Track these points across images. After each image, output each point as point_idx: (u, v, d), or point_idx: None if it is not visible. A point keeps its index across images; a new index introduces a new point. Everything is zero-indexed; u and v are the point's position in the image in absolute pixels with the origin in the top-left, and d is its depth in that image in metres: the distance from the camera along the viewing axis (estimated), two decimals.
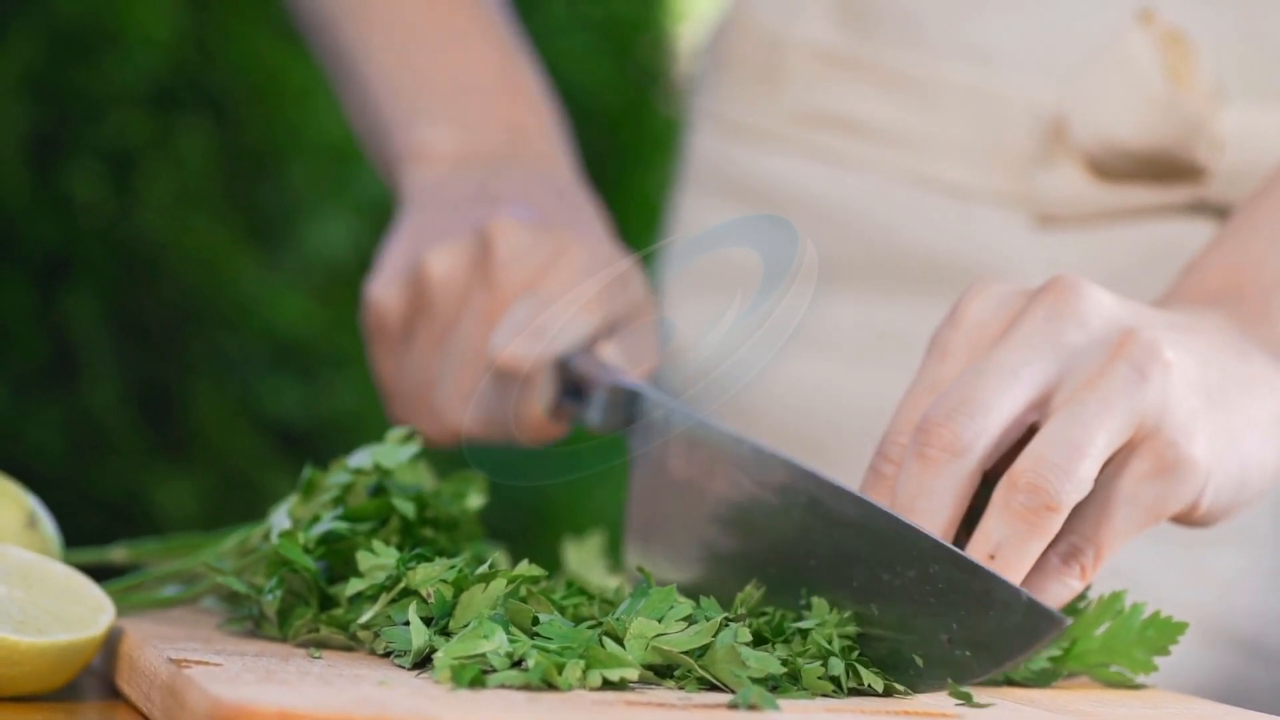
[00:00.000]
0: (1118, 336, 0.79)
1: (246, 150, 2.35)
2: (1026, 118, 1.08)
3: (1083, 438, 0.76)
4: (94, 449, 2.24)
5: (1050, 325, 0.79)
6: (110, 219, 2.24)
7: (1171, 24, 1.05)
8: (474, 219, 1.01)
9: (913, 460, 0.77)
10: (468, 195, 1.04)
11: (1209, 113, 1.05)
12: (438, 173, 1.08)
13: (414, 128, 1.09)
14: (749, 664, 0.72)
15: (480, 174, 1.06)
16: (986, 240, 1.10)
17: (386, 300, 1.02)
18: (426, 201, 1.06)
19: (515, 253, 0.98)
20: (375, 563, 0.79)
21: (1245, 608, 1.07)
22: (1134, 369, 0.78)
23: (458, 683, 0.69)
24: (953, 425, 0.76)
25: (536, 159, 1.09)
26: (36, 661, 0.75)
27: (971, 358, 0.80)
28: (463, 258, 1.00)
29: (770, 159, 1.15)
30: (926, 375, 0.81)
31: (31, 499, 0.87)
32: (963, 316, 0.81)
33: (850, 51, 1.12)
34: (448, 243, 1.00)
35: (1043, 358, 0.78)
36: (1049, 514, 0.76)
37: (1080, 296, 0.79)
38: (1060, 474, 0.76)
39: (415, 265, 1.01)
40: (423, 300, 1.01)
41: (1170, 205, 1.08)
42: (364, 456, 0.85)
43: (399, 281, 1.02)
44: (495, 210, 1.01)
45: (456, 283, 1.00)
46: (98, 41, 2.22)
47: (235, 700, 0.63)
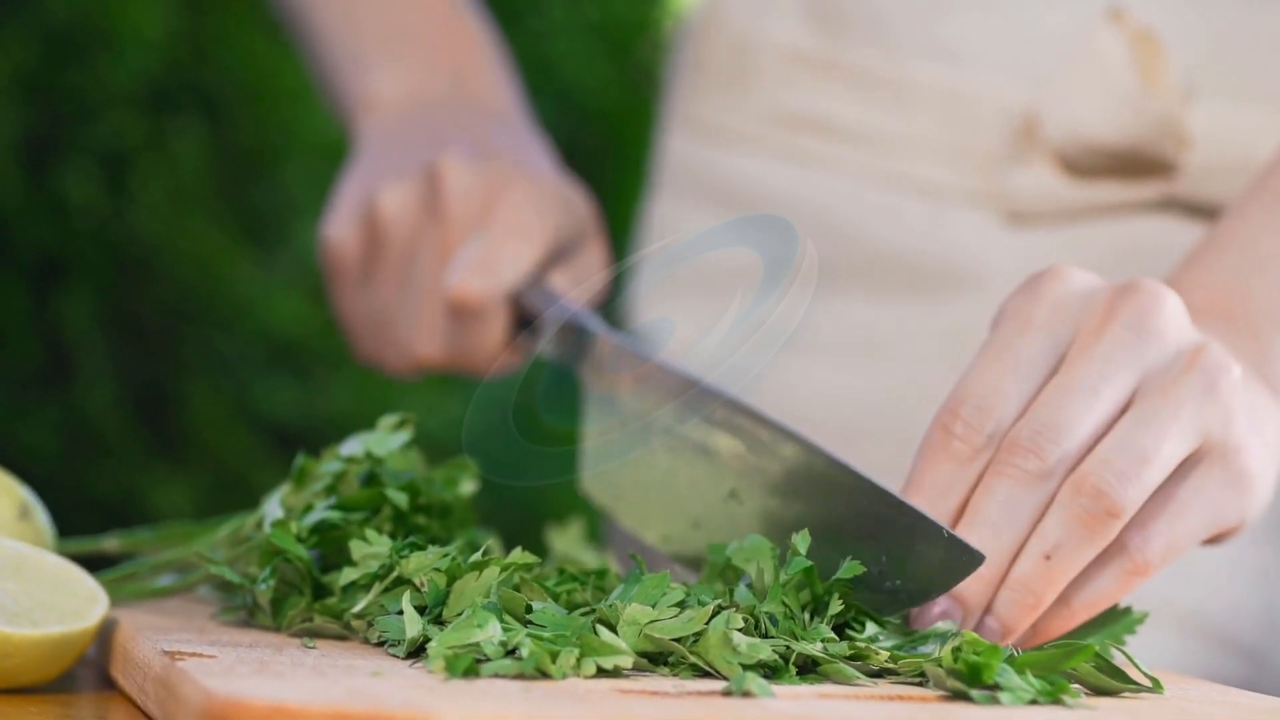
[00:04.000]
0: (1192, 350, 0.79)
1: (240, 150, 2.35)
2: (997, 117, 1.09)
3: (1150, 446, 0.77)
4: (89, 449, 2.24)
5: (1134, 338, 0.79)
6: (104, 220, 2.24)
7: (1141, 22, 1.06)
8: (422, 157, 1.05)
9: (996, 476, 0.77)
10: (415, 134, 1.09)
11: (1179, 110, 1.05)
12: (386, 118, 1.12)
13: (362, 75, 1.14)
14: (741, 650, 0.72)
15: (426, 115, 1.11)
16: (958, 239, 1.10)
17: (342, 238, 1.06)
18: (375, 143, 1.10)
19: (462, 188, 1.03)
20: (368, 551, 0.79)
21: (1222, 604, 1.07)
22: (1207, 380, 0.78)
23: (452, 672, 0.69)
24: (1039, 450, 0.77)
25: (479, 99, 1.13)
26: (30, 653, 0.75)
27: (1050, 337, 0.80)
28: (412, 195, 1.04)
29: (742, 160, 1.15)
30: (1005, 343, 0.80)
31: (24, 490, 0.87)
32: (1043, 293, 0.81)
33: (821, 52, 1.13)
34: (398, 181, 1.05)
35: (1124, 374, 0.78)
36: (1110, 520, 0.76)
37: (1163, 308, 0.80)
38: (1126, 481, 0.76)
39: (367, 204, 1.05)
40: (377, 238, 1.05)
41: (1141, 202, 1.08)
42: (356, 445, 0.85)
43: (353, 220, 1.06)
44: (441, 148, 1.05)
45: (408, 220, 1.04)
46: (91, 42, 2.22)
47: (229, 694, 0.62)
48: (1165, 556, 0.79)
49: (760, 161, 1.15)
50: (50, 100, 2.21)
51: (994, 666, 0.70)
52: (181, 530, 0.91)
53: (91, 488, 2.24)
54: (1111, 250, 1.09)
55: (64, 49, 2.21)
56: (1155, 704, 0.74)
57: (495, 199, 1.02)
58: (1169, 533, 0.79)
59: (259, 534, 0.83)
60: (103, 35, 2.23)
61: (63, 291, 2.22)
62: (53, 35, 2.20)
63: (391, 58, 1.14)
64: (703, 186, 1.17)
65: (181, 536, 0.90)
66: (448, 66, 1.14)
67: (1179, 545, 0.79)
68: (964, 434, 0.78)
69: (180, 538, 0.90)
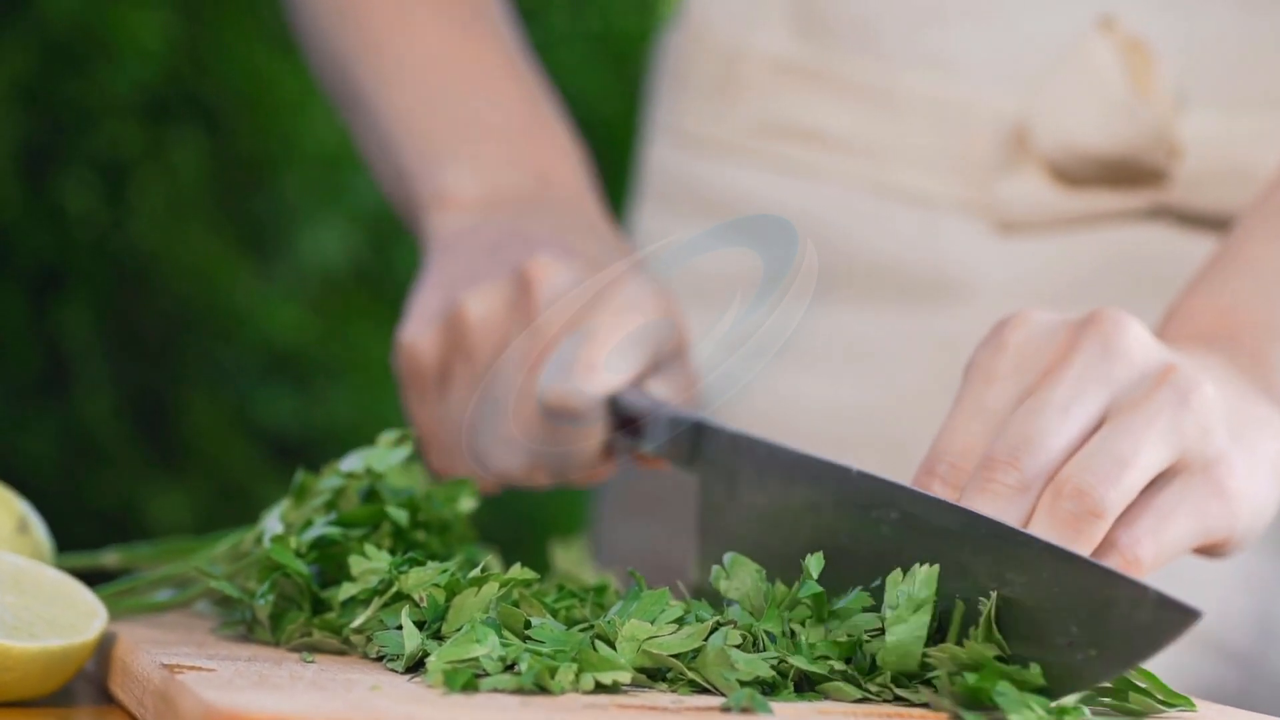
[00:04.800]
0: (1160, 369, 0.80)
1: (239, 160, 2.35)
2: (988, 126, 1.09)
3: (1128, 450, 0.77)
4: (88, 460, 2.24)
5: (1099, 360, 0.79)
6: (103, 229, 2.24)
7: (1132, 31, 1.06)
8: (510, 260, 0.98)
9: (977, 494, 0.77)
10: (501, 237, 1.01)
11: (1170, 119, 1.06)
12: (464, 218, 1.05)
13: (437, 172, 1.06)
14: (739, 667, 0.72)
15: (512, 217, 1.04)
16: (949, 248, 1.10)
17: (421, 344, 0.99)
18: (456, 245, 1.03)
19: (556, 292, 0.96)
20: (367, 567, 0.79)
21: (1216, 611, 1.07)
22: (1178, 395, 0.79)
23: (450, 687, 0.69)
24: (1017, 464, 0.77)
25: (565, 201, 1.06)
26: (29, 667, 0.75)
27: (1018, 384, 0.80)
28: (501, 299, 0.97)
29: (729, 170, 1.15)
30: (973, 398, 0.81)
31: (23, 504, 0.87)
32: (1006, 342, 0.81)
33: (809, 62, 1.12)
34: (484, 284, 0.97)
35: (1094, 393, 0.79)
36: (1094, 520, 0.76)
37: (1126, 332, 0.80)
38: (1106, 481, 0.76)
39: (450, 308, 0.98)
40: (460, 344, 0.98)
41: (1131, 210, 1.09)
42: (356, 460, 0.85)
43: (433, 325, 0.98)
44: (531, 251, 0.98)
45: (495, 325, 0.97)
46: (90, 52, 2.22)
47: (228, 706, 0.62)
48: (1155, 557, 0.79)
49: (747, 172, 1.14)
50: (49, 110, 2.21)
51: (991, 688, 0.70)
52: (181, 545, 0.91)
53: (90, 497, 2.24)
54: (1102, 259, 1.09)
55: (63, 58, 2.21)
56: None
57: (593, 302, 0.95)
58: (1156, 534, 0.79)
59: (258, 549, 0.83)
60: (102, 45, 2.23)
61: (61, 301, 2.22)
62: (52, 44, 2.21)
63: (470, 154, 1.06)
64: (687, 197, 1.17)
65: (181, 551, 0.90)
66: (531, 167, 1.07)
67: (1167, 549, 0.79)
68: (941, 491, 0.79)
69: (179, 552, 0.90)
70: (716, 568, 0.78)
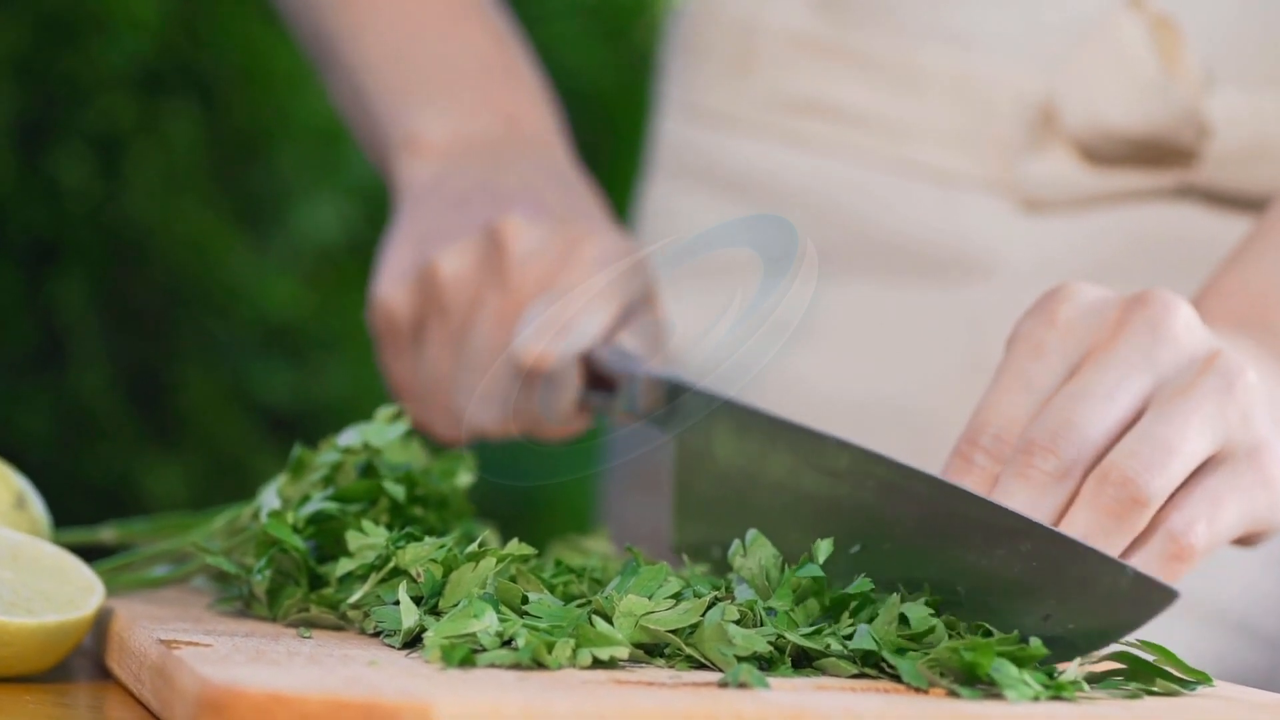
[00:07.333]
0: (1206, 354, 0.79)
1: (234, 134, 2.35)
2: (1012, 103, 1.08)
3: (1175, 437, 0.76)
4: (83, 434, 2.24)
5: (1146, 345, 0.79)
6: (98, 203, 2.23)
7: (1160, 9, 1.05)
8: (481, 217, 0.99)
9: (1014, 478, 0.77)
10: (471, 191, 1.02)
11: (1198, 97, 1.05)
12: (434, 164, 1.06)
13: (405, 117, 1.07)
14: (736, 642, 0.72)
15: (481, 167, 1.05)
16: (972, 226, 1.10)
17: (394, 301, 1.00)
18: (426, 196, 1.04)
19: (528, 251, 0.97)
20: (365, 542, 0.79)
21: (1235, 590, 1.07)
22: (1223, 381, 0.78)
23: (447, 662, 0.69)
24: (1056, 450, 0.76)
25: (533, 146, 1.07)
26: (26, 642, 0.75)
27: (1064, 360, 0.80)
28: (473, 257, 0.98)
29: (744, 145, 1.14)
30: (1019, 370, 0.80)
31: (20, 479, 0.87)
32: (1056, 315, 0.81)
33: (827, 38, 1.12)
34: (457, 242, 0.98)
35: (1139, 379, 0.78)
36: (1137, 508, 0.75)
37: (1176, 316, 0.80)
38: (1151, 469, 0.76)
39: (423, 265, 0.99)
40: (434, 301, 0.99)
41: (1159, 190, 1.08)
42: (353, 435, 0.85)
43: (406, 281, 1.00)
44: (502, 207, 0.99)
45: (468, 283, 0.98)
46: (84, 25, 2.22)
47: (225, 681, 0.62)
48: (1208, 544, 0.78)
49: (763, 146, 1.14)
50: (43, 83, 2.21)
51: (988, 663, 0.70)
52: (178, 520, 0.91)
53: (86, 472, 2.24)
54: (1128, 239, 1.09)
55: (57, 32, 2.21)
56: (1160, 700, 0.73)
57: (563, 261, 0.97)
58: (1210, 519, 0.78)
59: (255, 524, 0.83)
60: (96, 18, 2.23)
61: (56, 275, 2.22)
62: (46, 18, 2.20)
63: (438, 98, 1.07)
64: (701, 171, 1.16)
65: (178, 527, 0.90)
66: (499, 110, 1.08)
67: (1220, 533, 0.79)
68: (984, 463, 0.78)
69: (176, 528, 0.90)
70: (736, 542, 0.78)
